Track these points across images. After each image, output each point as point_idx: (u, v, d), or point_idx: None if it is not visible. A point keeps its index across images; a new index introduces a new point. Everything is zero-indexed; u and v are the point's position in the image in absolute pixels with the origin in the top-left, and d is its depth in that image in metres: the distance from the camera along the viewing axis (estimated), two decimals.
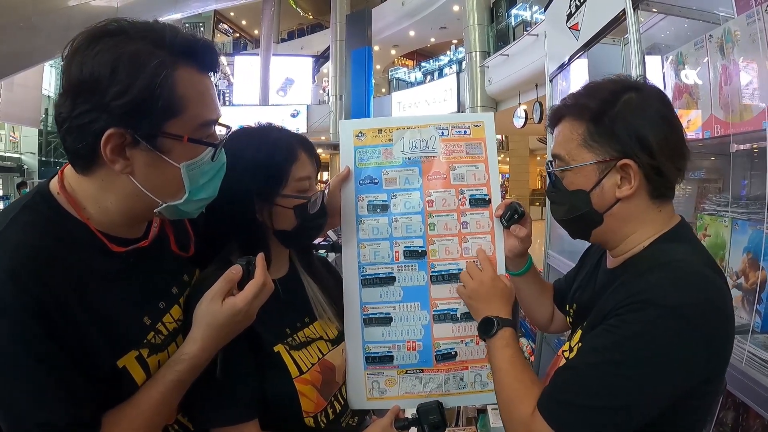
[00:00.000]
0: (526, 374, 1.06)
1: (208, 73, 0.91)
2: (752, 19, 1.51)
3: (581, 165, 1.03)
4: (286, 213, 1.16)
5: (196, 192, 0.92)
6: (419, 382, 1.30)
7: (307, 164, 1.19)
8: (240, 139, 1.16)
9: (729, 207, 1.74)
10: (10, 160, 19.77)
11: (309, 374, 1.16)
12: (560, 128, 1.09)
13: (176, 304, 1.04)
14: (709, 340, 0.88)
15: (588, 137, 1.02)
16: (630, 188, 1.00)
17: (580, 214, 1.06)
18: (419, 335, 1.28)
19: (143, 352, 0.93)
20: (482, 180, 1.32)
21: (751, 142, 1.63)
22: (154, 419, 0.92)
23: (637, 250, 1.04)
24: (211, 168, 0.94)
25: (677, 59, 1.97)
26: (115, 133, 0.81)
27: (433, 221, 1.31)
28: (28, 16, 8.14)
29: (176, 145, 0.86)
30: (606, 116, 1.00)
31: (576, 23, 2.51)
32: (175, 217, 0.97)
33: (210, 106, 0.91)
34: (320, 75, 22.13)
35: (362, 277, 1.31)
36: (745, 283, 1.61)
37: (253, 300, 0.96)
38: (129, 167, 0.85)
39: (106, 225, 0.91)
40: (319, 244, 4.53)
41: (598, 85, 1.07)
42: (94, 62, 0.79)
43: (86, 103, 0.80)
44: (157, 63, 0.81)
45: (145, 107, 0.81)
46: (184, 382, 0.94)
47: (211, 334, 0.95)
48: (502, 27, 12.71)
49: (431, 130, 1.34)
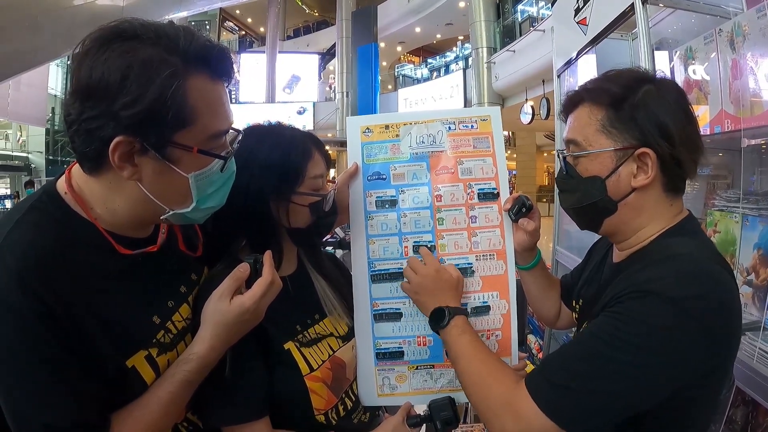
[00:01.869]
0: (491, 356, 1.05)
1: (221, 80, 0.89)
2: (762, 12, 1.50)
3: (599, 151, 1.01)
4: (301, 210, 1.16)
5: (203, 201, 0.92)
6: (430, 378, 1.30)
7: (320, 162, 1.20)
8: (253, 137, 1.15)
9: (739, 203, 1.73)
10: (18, 159, 19.88)
11: (319, 371, 1.15)
12: (577, 113, 1.07)
13: (185, 302, 1.04)
14: (710, 334, 0.86)
15: (607, 123, 1.00)
16: (647, 178, 0.98)
17: (594, 202, 1.04)
18: (429, 330, 1.28)
19: (152, 351, 0.92)
20: (490, 174, 1.32)
21: (762, 137, 1.62)
22: (163, 419, 0.92)
23: (644, 244, 1.03)
24: (219, 178, 0.93)
25: (686, 54, 1.95)
26: (124, 141, 0.79)
27: (441, 216, 1.30)
28: (33, 15, 8.15)
29: (185, 156, 0.85)
30: (627, 103, 0.99)
31: (584, 18, 2.49)
32: (181, 222, 0.97)
33: (222, 116, 0.90)
34: (326, 72, 22.14)
35: (372, 273, 1.31)
36: (755, 279, 1.60)
37: (261, 298, 0.96)
38: (137, 174, 0.84)
39: (113, 225, 0.90)
40: (326, 241, 4.54)
41: (619, 73, 1.06)
42: (104, 67, 0.77)
43: (95, 108, 0.79)
44: (169, 73, 0.79)
45: (155, 118, 0.79)
46: (193, 382, 0.94)
47: (219, 333, 0.94)
48: (509, 23, 12.68)
49: (438, 125, 1.33)
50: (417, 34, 21.43)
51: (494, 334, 1.29)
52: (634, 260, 1.03)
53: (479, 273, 1.29)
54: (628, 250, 1.08)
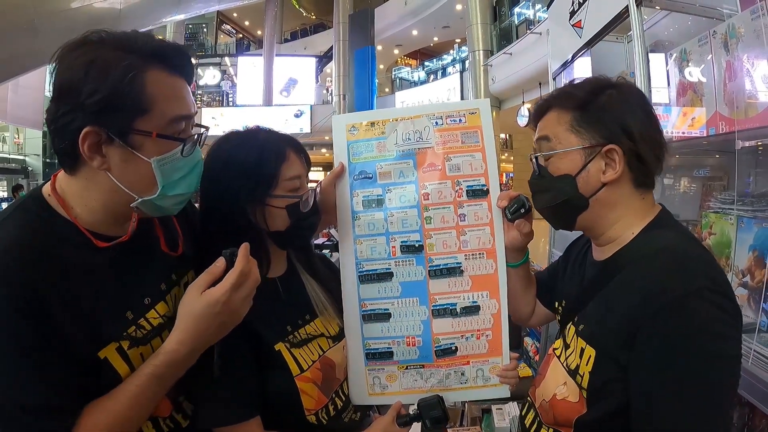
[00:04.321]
0: None
1: (179, 75, 0.96)
2: (756, 14, 1.50)
3: (568, 150, 1.06)
4: (279, 213, 1.16)
5: (170, 187, 0.96)
6: (420, 378, 1.29)
7: (297, 164, 1.19)
8: (228, 143, 1.18)
9: (734, 205, 1.73)
10: (15, 162, 19.86)
11: (310, 372, 1.16)
12: (547, 118, 1.12)
13: (163, 300, 1.06)
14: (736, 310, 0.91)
15: (575, 123, 1.06)
16: (615, 173, 1.03)
17: (566, 199, 1.08)
18: (418, 331, 1.28)
19: (123, 344, 0.96)
20: (479, 170, 1.30)
21: (756, 138, 1.61)
22: (130, 411, 0.93)
23: (626, 240, 1.06)
24: (185, 164, 0.98)
25: (681, 56, 1.96)
26: (91, 131, 0.87)
27: (429, 215, 1.29)
28: (30, 19, 8.12)
29: (147, 141, 0.91)
30: (592, 105, 1.05)
31: (579, 20, 2.49)
32: (155, 213, 1.00)
33: (179, 103, 0.95)
34: (323, 75, 22.14)
35: (360, 274, 1.30)
36: (751, 281, 1.59)
37: (233, 290, 0.95)
38: (105, 164, 0.91)
39: (92, 223, 0.96)
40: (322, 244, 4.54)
41: (582, 81, 1.14)
42: (71, 68, 0.87)
43: (66, 105, 0.87)
44: (126, 65, 0.88)
45: (115, 105, 0.87)
46: (162, 377, 0.95)
47: (187, 326, 0.95)
48: (506, 25, 12.69)
49: (424, 120, 1.31)
50: (414, 37, 21.43)
51: (484, 334, 1.28)
52: (620, 258, 1.05)
53: (468, 272, 1.28)
54: (607, 245, 1.10)
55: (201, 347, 0.97)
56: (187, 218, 1.22)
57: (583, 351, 1.03)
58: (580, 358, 1.03)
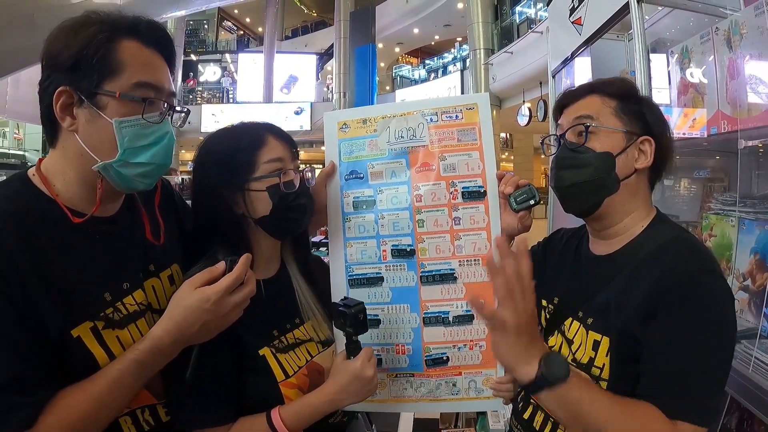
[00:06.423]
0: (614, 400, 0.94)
1: (155, 49, 0.99)
2: (760, 10, 1.47)
3: (615, 129, 1.10)
4: (260, 196, 1.12)
5: (131, 153, 0.96)
6: (410, 386, 1.25)
7: (278, 147, 1.15)
8: (211, 137, 1.19)
9: (736, 206, 1.69)
10: (15, 157, 19.84)
11: (295, 378, 1.13)
12: (589, 99, 1.14)
13: (140, 288, 1.05)
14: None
15: (620, 110, 1.12)
16: (647, 161, 1.10)
17: (602, 176, 1.09)
18: (408, 339, 1.23)
19: (98, 324, 0.95)
20: (476, 170, 1.23)
21: (759, 138, 1.58)
22: (108, 395, 0.92)
23: (635, 233, 1.10)
24: (150, 132, 0.98)
25: (682, 53, 1.92)
26: (64, 91, 0.92)
27: (421, 217, 1.23)
28: (30, 14, 8.12)
29: (111, 102, 0.93)
30: (633, 98, 1.14)
31: (579, 18, 2.46)
32: (121, 185, 0.99)
33: (148, 70, 0.97)
34: (324, 72, 22.15)
35: (349, 278, 1.26)
36: (752, 285, 1.56)
37: (225, 294, 0.96)
38: (75, 125, 0.94)
39: (70, 199, 0.98)
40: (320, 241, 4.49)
41: (613, 78, 1.22)
42: (54, 38, 0.93)
43: (47, 71, 0.94)
44: (96, 29, 0.92)
45: (84, 63, 0.91)
46: (143, 363, 0.95)
47: (175, 315, 0.96)
48: (507, 24, 12.72)
49: (418, 117, 1.25)
50: (415, 35, 21.45)
51: (478, 344, 1.23)
52: (630, 251, 1.08)
53: (462, 279, 1.22)
54: (616, 238, 1.12)
55: (183, 341, 0.97)
56: (178, 215, 1.21)
57: (597, 343, 1.03)
58: (594, 351, 1.03)
